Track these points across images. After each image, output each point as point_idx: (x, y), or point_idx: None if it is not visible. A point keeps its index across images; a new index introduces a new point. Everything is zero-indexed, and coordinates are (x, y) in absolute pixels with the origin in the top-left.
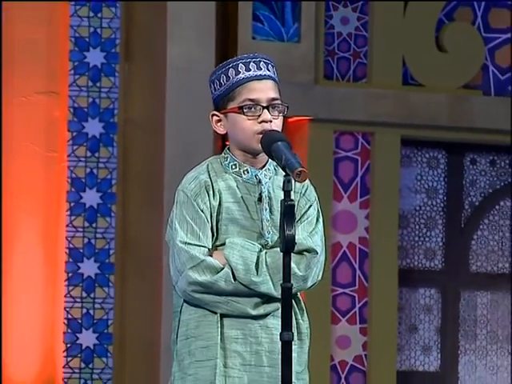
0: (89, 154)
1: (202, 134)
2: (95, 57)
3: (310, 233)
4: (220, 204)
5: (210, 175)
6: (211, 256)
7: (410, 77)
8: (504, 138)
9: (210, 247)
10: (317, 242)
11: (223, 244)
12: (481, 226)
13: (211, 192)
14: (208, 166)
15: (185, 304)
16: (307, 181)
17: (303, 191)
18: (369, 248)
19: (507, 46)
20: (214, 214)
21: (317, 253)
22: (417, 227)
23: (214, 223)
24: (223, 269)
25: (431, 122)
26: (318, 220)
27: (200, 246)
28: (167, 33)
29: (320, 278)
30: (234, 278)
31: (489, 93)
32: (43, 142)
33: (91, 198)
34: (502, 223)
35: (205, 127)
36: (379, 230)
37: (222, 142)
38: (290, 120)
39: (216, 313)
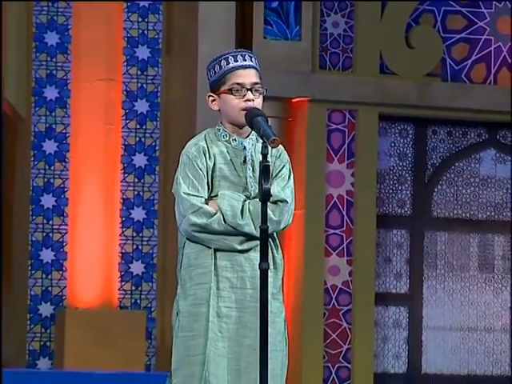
0: (138, 126)
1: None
2: (143, 52)
3: (282, 187)
4: (214, 165)
5: (206, 142)
6: (207, 204)
7: (386, 67)
8: (458, 114)
9: (206, 197)
10: (288, 194)
11: (216, 195)
12: (440, 182)
13: (207, 155)
14: (205, 135)
15: (187, 241)
16: (281, 146)
17: (278, 155)
18: (354, 198)
19: (460, 43)
20: (210, 172)
21: (287, 202)
22: (391, 182)
23: (210, 179)
24: (216, 214)
25: (402, 102)
26: (289, 177)
27: (198, 196)
28: (198, 34)
29: (290, 222)
30: (225, 221)
31: (446, 79)
32: (103, 117)
33: (140, 160)
34: (457, 179)
35: None
36: (361, 184)
37: None
38: (293, 100)
39: (211, 248)
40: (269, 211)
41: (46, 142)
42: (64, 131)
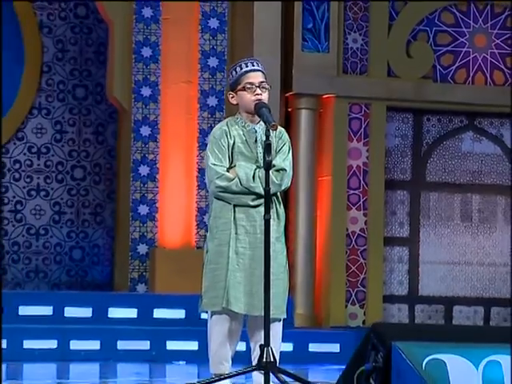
0: (209, 116)
1: (273, 104)
2: (213, 61)
3: (283, 160)
4: (234, 143)
5: (228, 127)
6: (228, 172)
7: (392, 72)
8: (445, 106)
9: (227, 167)
10: (287, 164)
11: (234, 166)
12: (432, 156)
13: (228, 136)
14: (227, 122)
15: (214, 199)
16: (282, 129)
17: (280, 136)
18: (368, 168)
19: (447, 54)
20: (230, 149)
21: (286, 170)
22: (395, 156)
23: (230, 154)
24: (234, 179)
25: (403, 98)
26: (288, 152)
27: (222, 166)
28: (253, 47)
29: (289, 184)
30: (241, 184)
31: (436, 81)
32: (184, 109)
33: None
34: (444, 154)
35: (274, 100)
36: (374, 158)
37: (285, 108)
38: (323, 96)
39: (231, 204)
40: (272, 176)
41: (142, 127)
42: (155, 119)
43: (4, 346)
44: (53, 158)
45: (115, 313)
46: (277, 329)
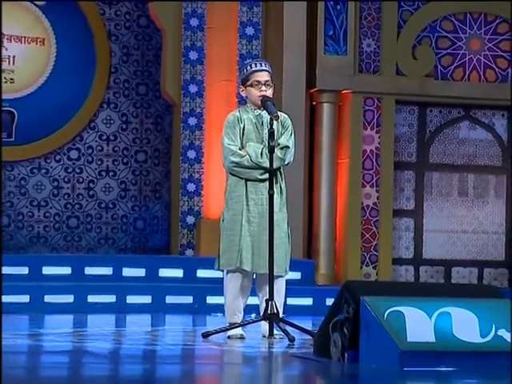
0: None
1: (299, 99)
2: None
3: (287, 139)
4: (244, 127)
5: (240, 113)
6: (240, 150)
7: (400, 71)
8: (445, 99)
9: (240, 146)
10: (290, 143)
11: (245, 146)
12: (434, 141)
13: (240, 120)
14: (239, 109)
15: (229, 175)
16: (285, 116)
17: (283, 123)
18: (380, 152)
19: (446, 56)
20: (241, 131)
21: (289, 148)
22: (403, 142)
23: (241, 135)
24: (245, 156)
25: (410, 92)
26: (291, 134)
27: (235, 145)
28: (283, 52)
29: (292, 160)
30: (251, 160)
31: (437, 78)
32: (224, 103)
33: None
34: (444, 139)
35: (301, 95)
36: (384, 143)
37: (310, 103)
38: (342, 92)
39: (243, 179)
40: (277, 152)
41: (189, 118)
42: (201, 112)
43: (71, 300)
44: (119, 144)
45: (165, 273)
46: (280, 284)
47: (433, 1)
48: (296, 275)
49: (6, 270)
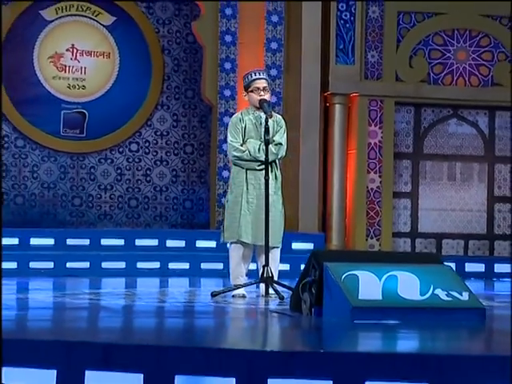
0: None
1: (314, 101)
2: (274, 71)
3: (280, 137)
4: (245, 126)
5: (242, 115)
6: (241, 146)
7: (399, 78)
8: (436, 101)
9: (241, 142)
10: (282, 140)
11: (245, 142)
12: (427, 135)
13: (242, 121)
14: (242, 111)
15: (233, 165)
16: (278, 116)
17: (277, 122)
18: (382, 144)
19: (437, 64)
20: (242, 130)
21: (282, 145)
22: (401, 136)
23: (243, 133)
24: (246, 150)
25: (407, 95)
26: (284, 133)
27: (237, 141)
28: (302, 61)
29: (284, 154)
30: (250, 154)
31: (430, 84)
32: None
33: None
34: (436, 134)
35: (316, 98)
36: (386, 137)
37: (324, 104)
38: (351, 95)
39: (244, 168)
40: (272, 148)
41: (224, 117)
42: (233, 112)
43: (123, 265)
44: (171, 139)
45: (201, 244)
46: (275, 254)
47: (427, 18)
48: (309, 246)
49: (73, 241)
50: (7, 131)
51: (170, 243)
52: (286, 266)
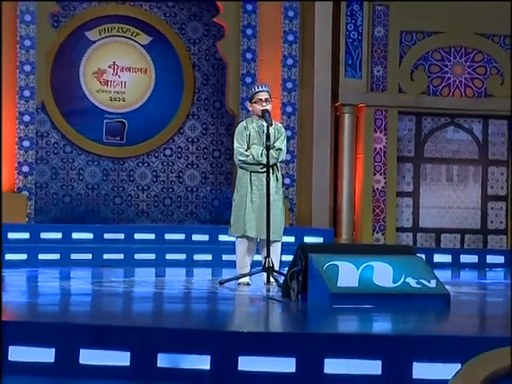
0: (287, 118)
1: (326, 111)
2: (289, 85)
3: (280, 143)
4: (249, 134)
5: (246, 123)
6: (246, 151)
7: (401, 90)
8: (436, 110)
9: (246, 148)
10: (283, 146)
11: (249, 147)
12: (428, 141)
13: (246, 129)
14: (246, 120)
15: (238, 168)
16: (279, 124)
17: (278, 129)
18: (386, 149)
19: (436, 78)
20: (248, 137)
21: (282, 150)
22: (404, 142)
23: (247, 140)
24: (250, 155)
25: (408, 105)
26: (284, 139)
27: (242, 147)
28: (314, 74)
29: (284, 158)
30: (254, 158)
31: (430, 95)
32: (272, 115)
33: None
34: (435, 140)
35: (327, 108)
36: (390, 142)
37: (334, 113)
38: (359, 106)
39: (248, 171)
40: (273, 153)
41: None
42: None
43: (154, 257)
44: (201, 145)
45: (223, 238)
46: (276, 246)
47: (427, 36)
48: (319, 240)
49: (109, 235)
50: (56, 139)
51: (195, 237)
52: None
